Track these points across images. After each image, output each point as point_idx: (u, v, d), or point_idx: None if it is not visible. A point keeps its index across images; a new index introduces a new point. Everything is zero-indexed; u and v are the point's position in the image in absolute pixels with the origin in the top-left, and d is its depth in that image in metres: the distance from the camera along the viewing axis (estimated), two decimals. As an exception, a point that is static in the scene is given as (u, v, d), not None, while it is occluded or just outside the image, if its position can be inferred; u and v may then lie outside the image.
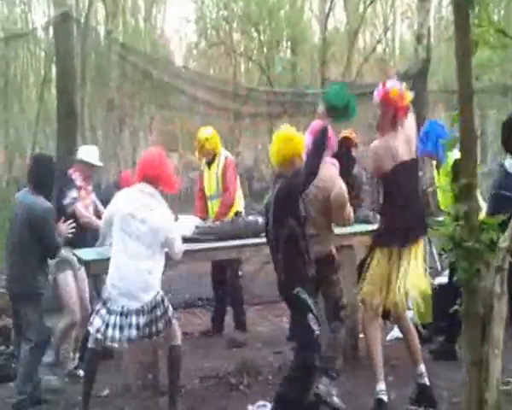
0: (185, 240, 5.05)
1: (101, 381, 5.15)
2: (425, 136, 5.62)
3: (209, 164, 6.73)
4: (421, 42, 9.03)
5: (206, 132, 6.69)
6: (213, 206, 6.69)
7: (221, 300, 6.97)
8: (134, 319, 4.34)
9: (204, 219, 6.28)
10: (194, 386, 5.32)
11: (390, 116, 4.44)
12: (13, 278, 5.09)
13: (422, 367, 4.60)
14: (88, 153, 5.94)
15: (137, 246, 4.40)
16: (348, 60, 14.61)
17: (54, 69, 11.89)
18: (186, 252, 4.89)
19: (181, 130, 16.45)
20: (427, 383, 4.58)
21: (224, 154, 6.76)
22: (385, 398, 4.46)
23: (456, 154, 5.73)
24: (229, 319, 6.98)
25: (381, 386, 4.48)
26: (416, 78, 9.27)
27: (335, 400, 4.65)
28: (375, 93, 4.52)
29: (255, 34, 16.54)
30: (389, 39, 19.02)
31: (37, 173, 5.13)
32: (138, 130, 15.43)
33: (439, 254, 6.81)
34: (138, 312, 4.34)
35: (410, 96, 4.48)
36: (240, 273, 6.84)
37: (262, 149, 16.05)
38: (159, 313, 4.41)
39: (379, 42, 17.57)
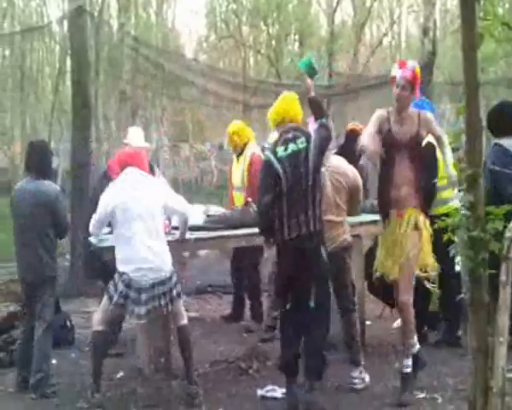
0: (196, 228, 5.38)
1: (114, 364, 5.43)
2: None
3: (238, 156, 6.83)
4: (427, 35, 9.10)
5: (235, 125, 6.84)
6: (238, 197, 6.73)
7: (239, 288, 7.05)
8: (156, 290, 4.67)
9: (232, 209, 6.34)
10: (206, 370, 5.49)
11: (413, 95, 4.68)
12: (29, 266, 5.19)
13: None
14: (132, 137, 6.13)
15: (150, 224, 4.74)
16: (355, 53, 14.84)
17: (68, 62, 12.17)
18: (197, 240, 5.22)
19: (191, 121, 16.73)
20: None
21: (251, 149, 6.72)
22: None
23: None
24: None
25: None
26: (422, 70, 9.48)
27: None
28: (401, 74, 4.66)
29: (264, 27, 16.81)
30: (395, 32, 19.21)
31: (38, 159, 5.23)
32: (150, 121, 15.74)
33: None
34: (161, 283, 4.69)
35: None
36: (265, 256, 6.74)
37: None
38: (171, 285, 4.77)
39: (385, 35, 17.78)
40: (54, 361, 5.54)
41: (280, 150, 4.52)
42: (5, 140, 14.93)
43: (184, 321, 4.92)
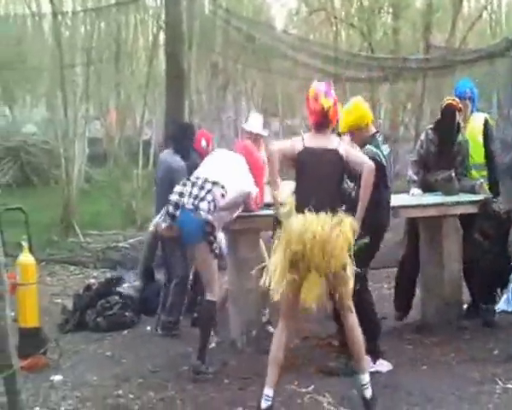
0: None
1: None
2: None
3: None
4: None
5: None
6: None
7: None
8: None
9: None
10: (297, 346, 5.43)
11: None
12: None
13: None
14: (252, 124, 6.27)
15: None
16: (453, 26, 14.29)
17: (161, 35, 12.36)
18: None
19: (281, 94, 16.66)
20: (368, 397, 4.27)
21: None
22: None
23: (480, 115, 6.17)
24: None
25: None
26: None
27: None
28: None
29: (356, -1, 16.43)
30: (495, 5, 18.38)
31: (178, 137, 5.99)
32: (241, 94, 15.80)
33: None
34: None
35: None
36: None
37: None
38: None
39: (486, 8, 17.04)
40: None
41: (384, 148, 4.84)
42: (101, 111, 15.34)
43: (213, 298, 4.94)
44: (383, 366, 4.92)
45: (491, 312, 5.86)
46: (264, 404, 4.15)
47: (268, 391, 4.17)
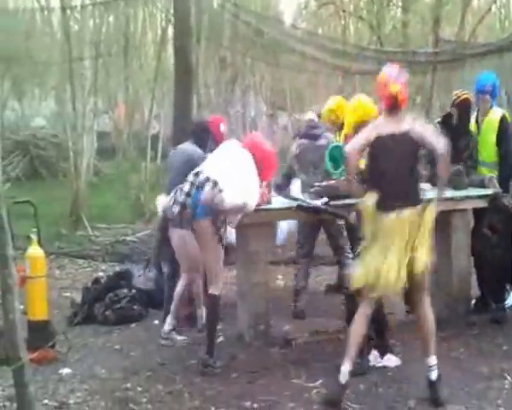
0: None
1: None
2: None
3: (339, 130, 6.56)
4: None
5: (330, 104, 6.59)
6: None
7: None
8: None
9: None
10: (305, 340, 5.49)
11: None
12: None
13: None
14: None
15: None
16: (462, 20, 14.21)
17: (170, 29, 12.35)
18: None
19: (290, 88, 16.62)
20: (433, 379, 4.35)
21: None
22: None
23: (498, 111, 6.05)
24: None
25: None
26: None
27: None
28: None
29: (365, -7, 16.34)
30: (506, -2, 18.25)
31: (197, 133, 6.10)
32: (249, 88, 15.77)
33: None
34: None
35: None
36: None
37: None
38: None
39: (494, 1, 16.91)
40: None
41: None
42: (109, 105, 15.37)
43: (216, 291, 4.93)
44: (391, 360, 4.92)
45: (501, 309, 5.84)
46: (343, 378, 4.24)
47: (348, 367, 4.26)
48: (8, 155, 15.31)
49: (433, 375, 4.33)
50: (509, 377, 4.61)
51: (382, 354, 4.91)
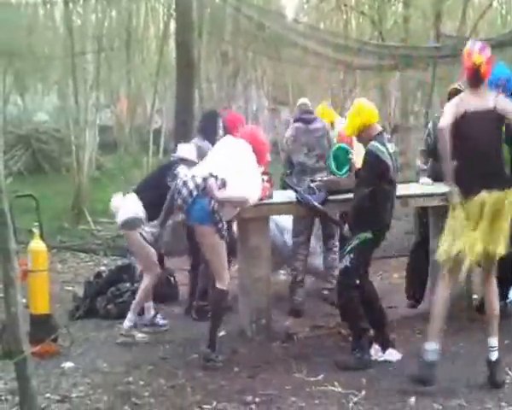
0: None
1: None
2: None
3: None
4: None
5: (319, 109, 7.01)
6: None
7: None
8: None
9: None
10: (306, 335, 5.52)
11: None
12: None
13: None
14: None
15: None
16: (463, 14, 14.19)
17: (172, 23, 12.33)
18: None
19: (291, 83, 16.61)
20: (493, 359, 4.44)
21: (338, 127, 6.80)
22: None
23: None
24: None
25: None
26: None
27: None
28: None
29: (367, -13, 16.31)
30: (507, -7, 18.19)
31: (204, 125, 6.25)
32: (251, 83, 15.75)
33: None
34: None
35: None
36: None
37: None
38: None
39: (497, -4, 16.90)
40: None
41: (390, 147, 4.85)
42: (112, 99, 15.37)
43: (222, 286, 4.93)
44: (393, 355, 4.93)
45: (504, 305, 5.82)
46: (431, 356, 4.30)
47: (434, 345, 4.31)
48: (10, 150, 15.31)
49: (494, 356, 4.40)
50: (510, 372, 4.62)
51: (384, 349, 4.92)
